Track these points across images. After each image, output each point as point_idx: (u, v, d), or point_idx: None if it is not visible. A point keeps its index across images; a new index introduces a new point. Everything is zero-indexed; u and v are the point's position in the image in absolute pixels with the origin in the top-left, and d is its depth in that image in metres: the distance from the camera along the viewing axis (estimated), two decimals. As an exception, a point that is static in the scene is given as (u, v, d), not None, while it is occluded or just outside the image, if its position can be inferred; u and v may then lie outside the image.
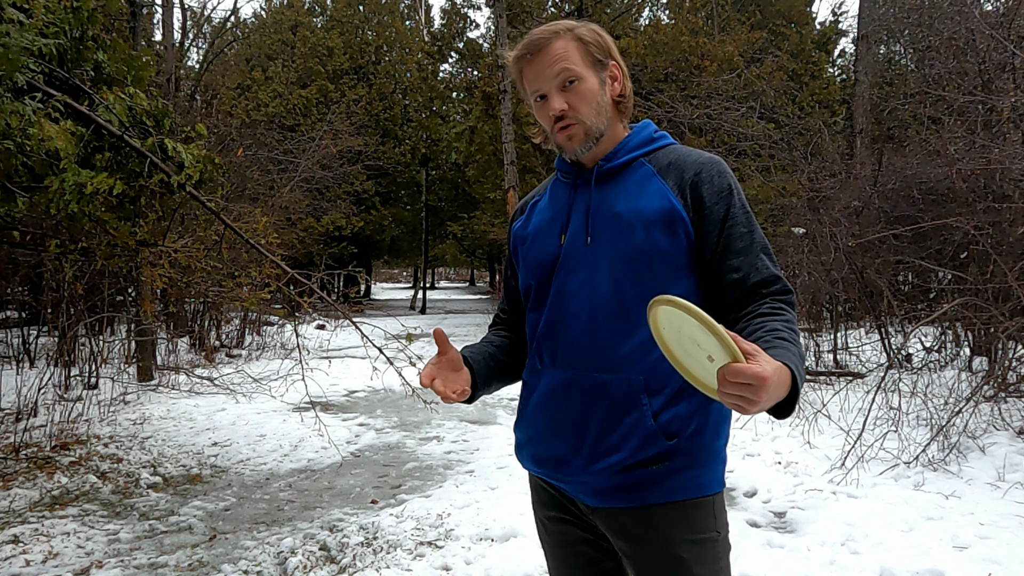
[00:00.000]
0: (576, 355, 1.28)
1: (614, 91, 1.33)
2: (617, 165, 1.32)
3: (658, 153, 1.33)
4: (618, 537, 1.27)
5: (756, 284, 1.23)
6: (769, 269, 1.24)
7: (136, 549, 3.42)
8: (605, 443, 1.24)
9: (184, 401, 6.82)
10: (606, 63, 1.31)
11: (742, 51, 13.82)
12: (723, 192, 1.25)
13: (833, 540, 3.24)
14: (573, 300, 1.30)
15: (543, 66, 1.28)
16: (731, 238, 1.24)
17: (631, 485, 1.23)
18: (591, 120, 1.29)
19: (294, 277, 4.21)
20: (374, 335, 4.69)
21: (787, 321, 1.16)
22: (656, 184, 1.28)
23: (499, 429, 5.98)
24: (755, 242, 1.25)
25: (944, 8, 7.96)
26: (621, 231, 1.26)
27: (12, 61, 2.66)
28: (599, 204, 1.31)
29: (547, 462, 1.33)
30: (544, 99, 1.30)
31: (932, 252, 6.99)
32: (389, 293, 37.96)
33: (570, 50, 1.27)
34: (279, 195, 11.92)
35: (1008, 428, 4.53)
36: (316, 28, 23.66)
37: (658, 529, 1.23)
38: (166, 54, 9.86)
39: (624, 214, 1.27)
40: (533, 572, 3.04)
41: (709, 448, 1.26)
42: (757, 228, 1.27)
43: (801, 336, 1.29)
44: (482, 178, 17.78)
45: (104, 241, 3.66)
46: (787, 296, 1.23)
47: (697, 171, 1.27)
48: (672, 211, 1.24)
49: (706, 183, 1.25)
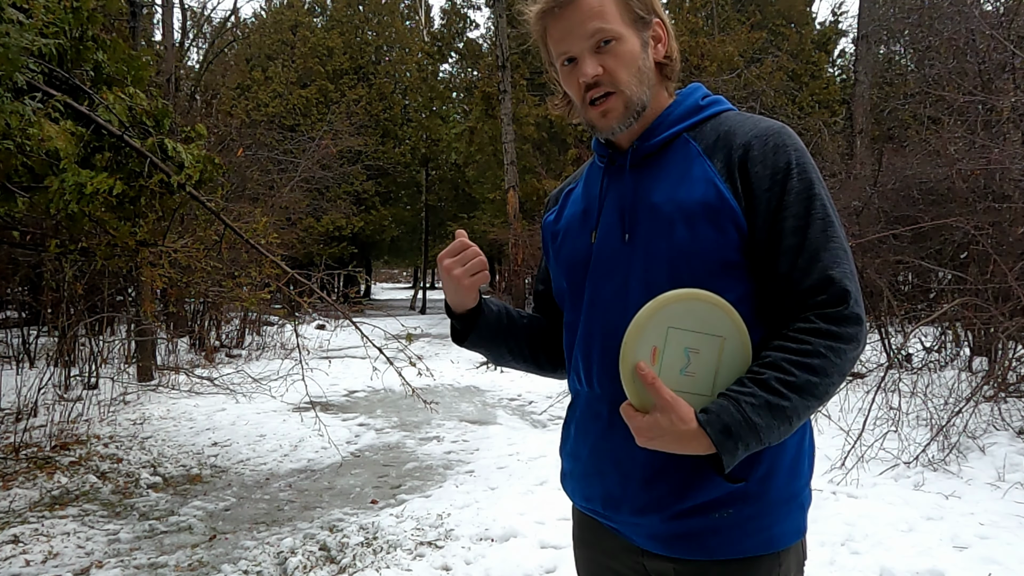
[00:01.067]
0: (612, 375, 1.05)
1: (658, 54, 1.11)
2: (655, 144, 1.10)
3: (706, 125, 1.09)
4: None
5: (805, 291, 0.98)
6: (824, 271, 0.98)
7: (136, 549, 3.42)
8: (656, 484, 1.04)
9: (184, 401, 6.82)
10: (649, 20, 1.09)
11: (742, 51, 13.83)
12: (778, 172, 1.00)
13: (833, 540, 3.24)
14: (607, 312, 1.09)
15: (574, 23, 1.05)
16: (783, 231, 1.00)
17: (691, 533, 1.03)
18: (631, 89, 1.06)
19: (294, 277, 4.21)
20: (374, 335, 4.69)
21: (802, 354, 0.94)
22: (700, 167, 1.05)
23: (499, 429, 5.98)
24: (811, 235, 0.99)
25: (944, 8, 7.96)
26: (658, 227, 1.05)
27: (12, 61, 2.66)
28: (635, 194, 1.10)
29: (595, 499, 1.13)
30: (573, 63, 1.08)
31: (932, 252, 6.98)
32: (389, 293, 37.99)
33: (606, 3, 1.05)
34: (279, 195, 11.92)
35: (1008, 428, 4.53)
36: (316, 28, 23.68)
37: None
38: (166, 54, 9.86)
39: (662, 206, 1.05)
40: (533, 572, 3.04)
41: (785, 491, 1.04)
42: (819, 217, 1.00)
43: (833, 362, 0.92)
44: (482, 178, 17.80)
45: (104, 241, 3.66)
46: (837, 309, 0.96)
47: (747, 146, 1.02)
48: (718, 200, 1.02)
49: (757, 161, 1.01)
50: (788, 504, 1.04)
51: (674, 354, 0.96)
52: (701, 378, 0.98)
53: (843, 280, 0.97)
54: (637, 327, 0.96)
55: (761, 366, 0.96)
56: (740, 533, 1.01)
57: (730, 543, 1.02)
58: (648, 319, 0.95)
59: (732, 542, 1.02)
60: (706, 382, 0.98)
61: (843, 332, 0.95)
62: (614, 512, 1.10)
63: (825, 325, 0.96)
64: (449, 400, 7.39)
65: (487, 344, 1.26)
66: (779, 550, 1.03)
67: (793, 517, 1.05)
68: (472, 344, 1.26)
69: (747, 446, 0.93)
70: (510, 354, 1.29)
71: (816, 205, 1.00)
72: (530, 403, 7.35)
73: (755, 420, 0.92)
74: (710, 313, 0.97)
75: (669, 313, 0.96)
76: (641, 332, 0.95)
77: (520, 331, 1.29)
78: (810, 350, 0.94)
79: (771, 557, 1.03)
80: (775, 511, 1.03)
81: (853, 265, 1.01)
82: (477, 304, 1.21)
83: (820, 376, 0.94)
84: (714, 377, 0.98)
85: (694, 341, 0.97)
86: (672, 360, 0.96)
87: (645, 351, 0.95)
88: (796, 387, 0.93)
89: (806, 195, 1.00)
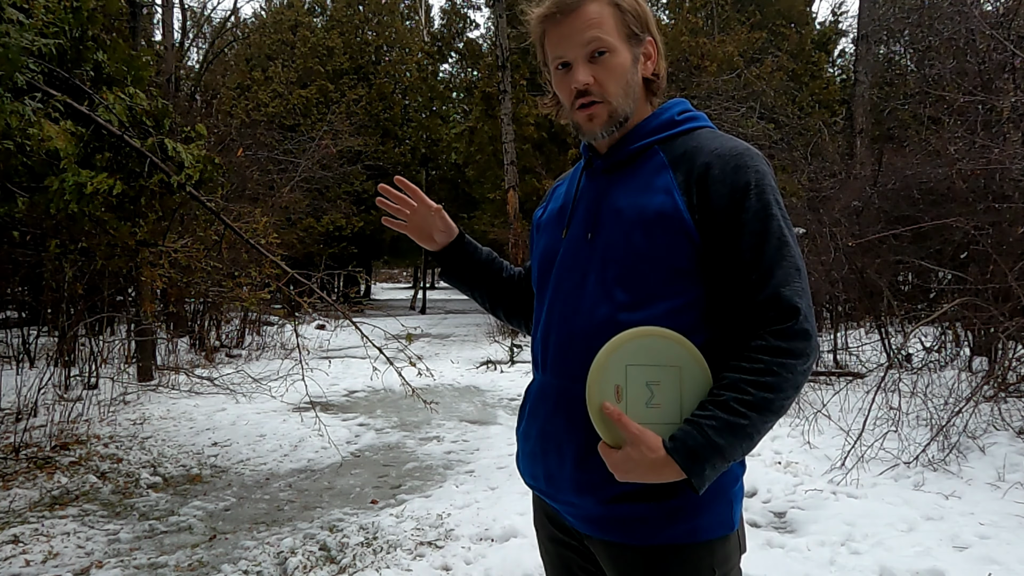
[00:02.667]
0: (561, 363, 1.16)
1: (647, 70, 1.17)
2: (628, 152, 1.17)
3: (677, 140, 1.15)
4: (610, 569, 1.16)
5: (756, 306, 1.03)
6: (775, 288, 1.03)
7: (136, 549, 3.42)
8: (588, 466, 1.11)
9: (184, 401, 6.82)
10: (642, 37, 1.15)
11: (742, 51, 13.83)
12: (737, 191, 1.06)
13: (833, 540, 3.24)
14: (565, 302, 1.17)
15: (572, 30, 1.11)
16: (739, 247, 1.05)
17: (622, 518, 1.10)
18: (618, 100, 1.13)
19: (294, 277, 4.21)
20: (374, 335, 4.68)
21: (756, 373, 0.99)
22: (663, 178, 1.11)
23: (499, 429, 5.98)
24: (766, 253, 1.04)
25: (944, 8, 7.96)
26: (620, 230, 1.12)
27: (12, 61, 2.66)
28: (604, 196, 1.17)
29: (539, 477, 1.21)
30: (567, 68, 1.14)
31: (932, 252, 6.98)
32: (389, 293, 37.97)
33: (605, 16, 1.11)
34: (279, 195, 11.92)
35: (1008, 428, 4.53)
36: (316, 28, 23.66)
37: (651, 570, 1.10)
38: (166, 54, 9.87)
39: (625, 211, 1.12)
40: (533, 572, 3.04)
41: (715, 485, 1.09)
42: (775, 235, 1.05)
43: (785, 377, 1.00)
44: (482, 178, 17.78)
45: (104, 241, 3.66)
46: (786, 325, 1.01)
47: (709, 164, 1.08)
48: (673, 210, 1.08)
49: (716, 180, 1.07)
50: (715, 499, 1.10)
51: (637, 389, 1.03)
52: (667, 408, 1.04)
53: (793, 297, 1.02)
54: (597, 369, 1.03)
55: (720, 388, 1.02)
56: (666, 523, 1.08)
57: (659, 530, 1.08)
58: (606, 360, 1.03)
59: (660, 529, 1.08)
60: (672, 411, 1.04)
61: (793, 347, 1.01)
62: (555, 491, 1.18)
63: (776, 342, 1.01)
64: (449, 400, 7.39)
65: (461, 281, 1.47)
66: (706, 540, 1.09)
67: (719, 511, 1.10)
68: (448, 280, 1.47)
69: (714, 466, 0.99)
70: (480, 298, 1.49)
71: (772, 225, 1.05)
72: (530, 403, 7.34)
73: (718, 441, 0.98)
74: (662, 346, 1.04)
75: (624, 352, 1.03)
76: (602, 373, 1.03)
77: (494, 282, 1.47)
78: (763, 368, 1.00)
79: (698, 546, 1.09)
80: (701, 505, 1.08)
81: (806, 283, 1.06)
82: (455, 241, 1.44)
83: (775, 392, 1.00)
84: (679, 405, 1.04)
85: (653, 375, 1.03)
86: (636, 395, 1.03)
87: (609, 391, 1.02)
88: (753, 405, 0.99)
89: (763, 215, 1.05)
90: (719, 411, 0.99)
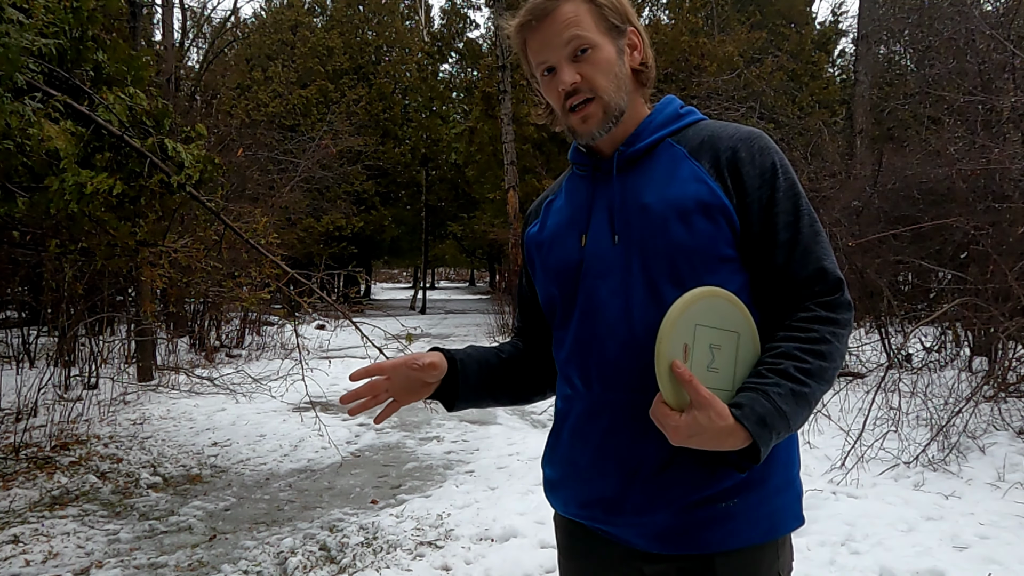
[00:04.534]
0: (616, 375, 1.09)
1: (634, 61, 1.15)
2: (641, 148, 1.14)
3: (688, 131, 1.15)
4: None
5: (802, 282, 1.06)
6: (818, 263, 1.06)
7: (136, 549, 3.42)
8: (664, 478, 1.05)
9: (184, 401, 6.82)
10: (624, 29, 1.13)
11: (742, 51, 13.84)
12: (766, 172, 1.07)
13: (833, 540, 3.24)
14: (606, 311, 1.11)
15: (551, 33, 1.10)
16: (776, 227, 1.07)
17: (698, 525, 1.05)
18: (609, 95, 1.10)
19: (294, 277, 4.21)
20: (374, 335, 4.68)
21: (811, 342, 1.01)
22: (688, 167, 1.10)
23: (499, 429, 5.98)
24: (802, 230, 1.07)
25: (944, 8, 7.96)
26: (652, 225, 1.08)
27: (12, 61, 2.66)
28: (624, 196, 1.13)
29: (593, 504, 1.12)
30: (552, 72, 1.12)
31: (932, 252, 6.98)
32: (389, 293, 37.96)
33: (581, 14, 1.10)
34: (279, 195, 11.92)
35: (1008, 428, 4.53)
36: (316, 28, 23.66)
37: None
38: (166, 54, 9.87)
39: (653, 205, 1.09)
40: (533, 572, 3.04)
41: (783, 478, 1.08)
42: (806, 212, 1.08)
43: (837, 347, 1.04)
44: (482, 178, 17.79)
45: (104, 241, 3.66)
46: (833, 297, 1.05)
47: (735, 148, 1.09)
48: (711, 196, 1.07)
49: (747, 162, 1.08)
50: (787, 490, 1.09)
51: (702, 351, 1.00)
52: (724, 374, 1.02)
53: (835, 270, 1.07)
54: (670, 324, 0.98)
55: (776, 356, 1.02)
56: (745, 521, 1.04)
57: (737, 532, 1.04)
58: (679, 316, 0.99)
59: (738, 531, 1.04)
60: (727, 377, 1.03)
61: (840, 317, 1.05)
62: (615, 515, 1.10)
63: (825, 312, 1.04)
64: (449, 400, 7.39)
65: (474, 405, 1.30)
66: (778, 538, 1.07)
67: (792, 503, 1.10)
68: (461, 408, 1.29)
69: (779, 434, 0.98)
70: (500, 396, 1.33)
71: (802, 203, 1.09)
72: (530, 403, 7.34)
73: (784, 408, 0.97)
74: (728, 309, 1.02)
75: (696, 310, 1.00)
76: (674, 329, 0.98)
77: (499, 381, 1.30)
78: (817, 337, 1.02)
79: (771, 546, 1.07)
80: (777, 498, 1.07)
81: None
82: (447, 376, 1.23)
83: (829, 361, 1.02)
84: (734, 372, 1.03)
85: (717, 338, 1.02)
86: (700, 357, 1.00)
87: (678, 349, 0.98)
88: (812, 373, 1.00)
89: (792, 193, 1.08)
90: (782, 379, 0.99)
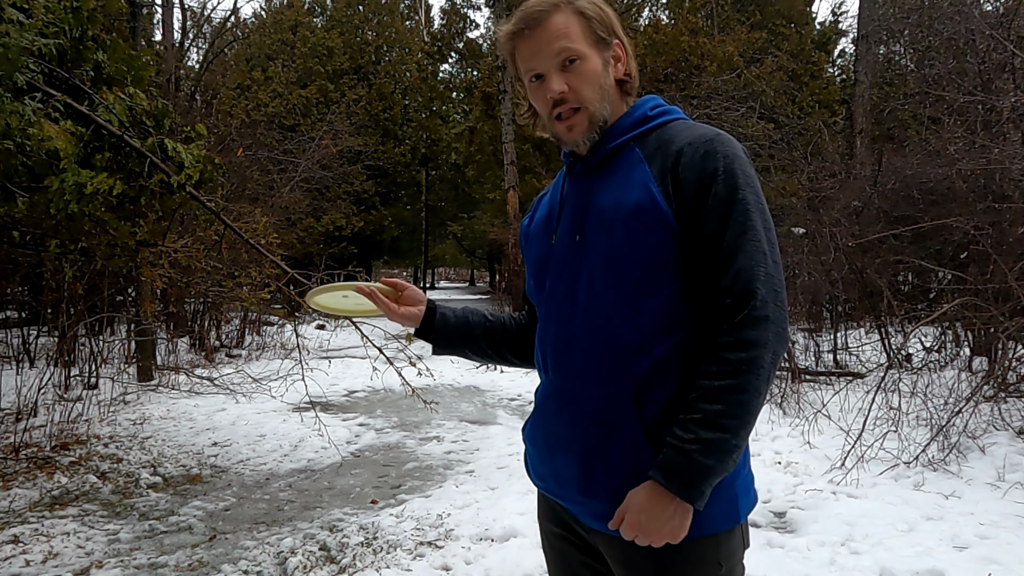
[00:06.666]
0: (563, 365, 1.19)
1: (618, 72, 1.20)
2: (606, 152, 1.18)
3: (652, 135, 1.17)
4: (616, 563, 1.18)
5: (719, 291, 1.05)
6: (736, 274, 1.04)
7: (136, 549, 3.42)
8: (597, 463, 1.13)
9: (184, 401, 6.82)
10: (610, 42, 1.18)
11: (742, 51, 13.83)
12: (704, 177, 1.07)
13: (833, 540, 3.24)
14: (561, 305, 1.20)
15: (542, 43, 1.14)
16: (705, 233, 1.06)
17: None
18: (594, 105, 1.15)
19: (294, 277, 4.21)
20: (374, 335, 4.69)
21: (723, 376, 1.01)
22: (640, 172, 1.13)
23: (499, 429, 5.98)
24: (728, 239, 1.05)
25: (944, 8, 7.96)
26: (604, 228, 1.13)
27: (12, 61, 2.66)
28: (587, 198, 1.19)
29: (547, 478, 1.25)
30: (540, 79, 1.17)
31: (932, 252, 6.99)
32: (389, 293, 37.87)
33: (571, 25, 1.14)
34: (279, 195, 11.92)
35: (1008, 428, 4.53)
36: (316, 28, 23.66)
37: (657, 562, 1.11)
38: (166, 54, 9.87)
39: (607, 209, 1.14)
40: (533, 572, 3.04)
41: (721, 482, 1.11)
42: (739, 222, 1.05)
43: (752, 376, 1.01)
44: (482, 178, 17.80)
45: (104, 241, 3.66)
46: (744, 314, 1.02)
47: (680, 151, 1.09)
48: (650, 202, 1.09)
49: (687, 167, 1.08)
50: (719, 493, 1.10)
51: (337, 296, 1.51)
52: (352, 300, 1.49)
53: (752, 282, 1.03)
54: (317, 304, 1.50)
55: (697, 399, 1.03)
56: None
57: None
58: None
59: None
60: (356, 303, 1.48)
61: (753, 338, 1.01)
62: (564, 490, 1.20)
63: (737, 334, 1.02)
64: (449, 400, 7.39)
65: (451, 351, 1.42)
66: (712, 534, 1.10)
67: (725, 505, 1.11)
68: (438, 351, 1.43)
69: (711, 484, 1.03)
70: (474, 355, 1.44)
71: (737, 209, 1.05)
72: (530, 403, 7.32)
73: (707, 463, 1.01)
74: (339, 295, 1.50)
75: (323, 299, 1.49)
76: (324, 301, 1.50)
77: (479, 336, 1.42)
78: (731, 370, 1.01)
79: (704, 539, 1.10)
80: (711, 500, 1.09)
81: (774, 268, 1.05)
82: (428, 319, 1.39)
83: (746, 393, 1.01)
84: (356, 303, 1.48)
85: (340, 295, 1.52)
86: None
87: None
88: (729, 414, 1.01)
89: (729, 199, 1.06)
90: (700, 429, 1.01)
